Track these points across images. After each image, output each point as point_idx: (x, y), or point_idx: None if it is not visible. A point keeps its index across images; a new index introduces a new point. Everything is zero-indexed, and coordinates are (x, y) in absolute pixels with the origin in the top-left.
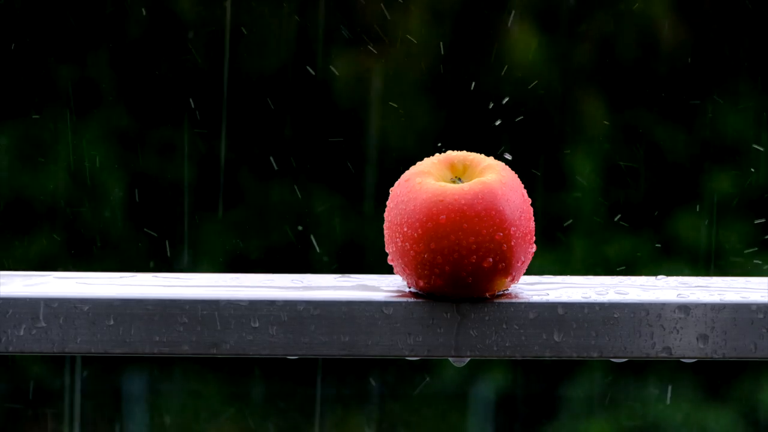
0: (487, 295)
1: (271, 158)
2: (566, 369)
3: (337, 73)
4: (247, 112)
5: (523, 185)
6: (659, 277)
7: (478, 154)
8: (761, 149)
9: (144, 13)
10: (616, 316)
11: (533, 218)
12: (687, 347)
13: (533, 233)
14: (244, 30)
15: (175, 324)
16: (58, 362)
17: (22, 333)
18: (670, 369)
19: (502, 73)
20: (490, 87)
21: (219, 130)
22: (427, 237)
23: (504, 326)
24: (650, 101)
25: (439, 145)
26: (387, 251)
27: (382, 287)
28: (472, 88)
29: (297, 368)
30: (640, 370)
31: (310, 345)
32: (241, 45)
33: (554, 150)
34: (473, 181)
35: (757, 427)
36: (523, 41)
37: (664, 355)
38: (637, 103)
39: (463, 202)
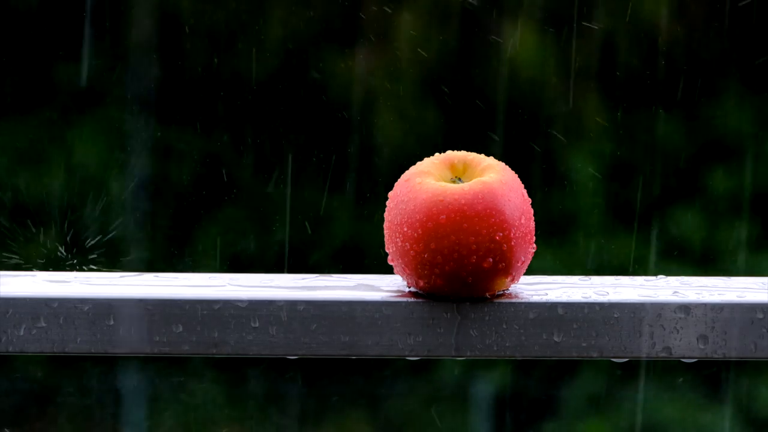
0: (487, 295)
1: (271, 158)
2: (566, 369)
3: (336, 72)
4: (247, 112)
5: (523, 185)
6: (659, 277)
7: (478, 154)
8: (761, 148)
9: (144, 13)
10: (616, 316)
11: (533, 218)
12: (687, 347)
13: (533, 233)
14: (243, 29)
15: (175, 324)
16: (57, 362)
17: (22, 333)
18: (669, 369)
19: (502, 73)
20: (490, 87)
21: (219, 130)
22: (427, 237)
23: (504, 326)
24: (651, 100)
25: (440, 145)
26: (387, 251)
27: (382, 287)
28: (472, 88)
29: (297, 368)
30: (639, 370)
31: (310, 345)
32: (241, 44)
33: (554, 149)
34: (473, 181)
35: (756, 427)
36: (523, 40)
37: (664, 355)
38: (638, 102)
39: (463, 202)
